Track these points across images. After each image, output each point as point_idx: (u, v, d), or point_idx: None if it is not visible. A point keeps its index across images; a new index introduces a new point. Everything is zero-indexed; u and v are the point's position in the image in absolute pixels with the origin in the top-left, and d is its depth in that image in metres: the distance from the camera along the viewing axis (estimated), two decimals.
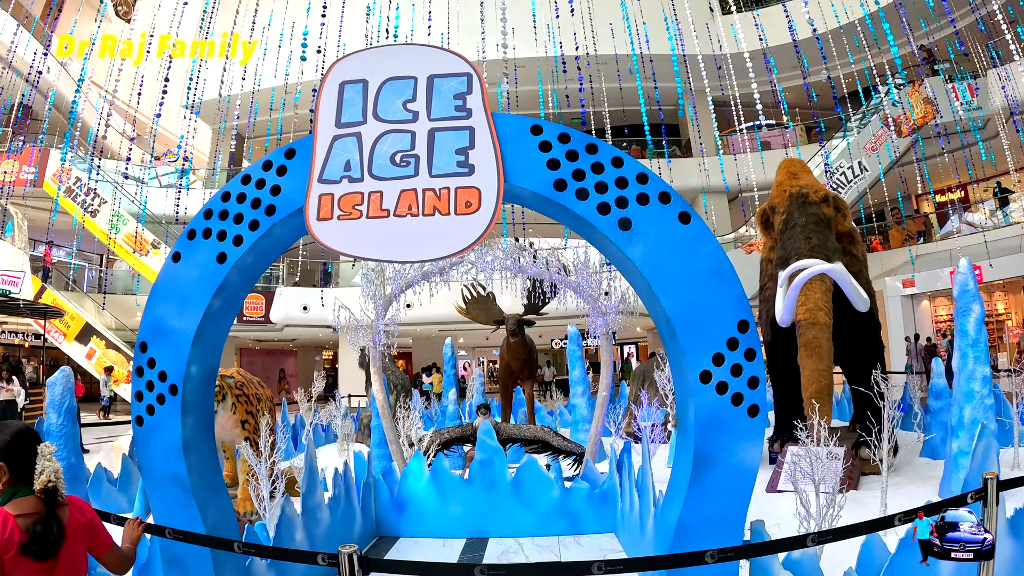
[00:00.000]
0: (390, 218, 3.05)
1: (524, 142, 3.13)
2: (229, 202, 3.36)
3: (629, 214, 3.03)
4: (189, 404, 3.36)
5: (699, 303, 3.01)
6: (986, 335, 7.40)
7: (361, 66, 3.29)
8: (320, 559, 2.62)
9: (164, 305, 3.40)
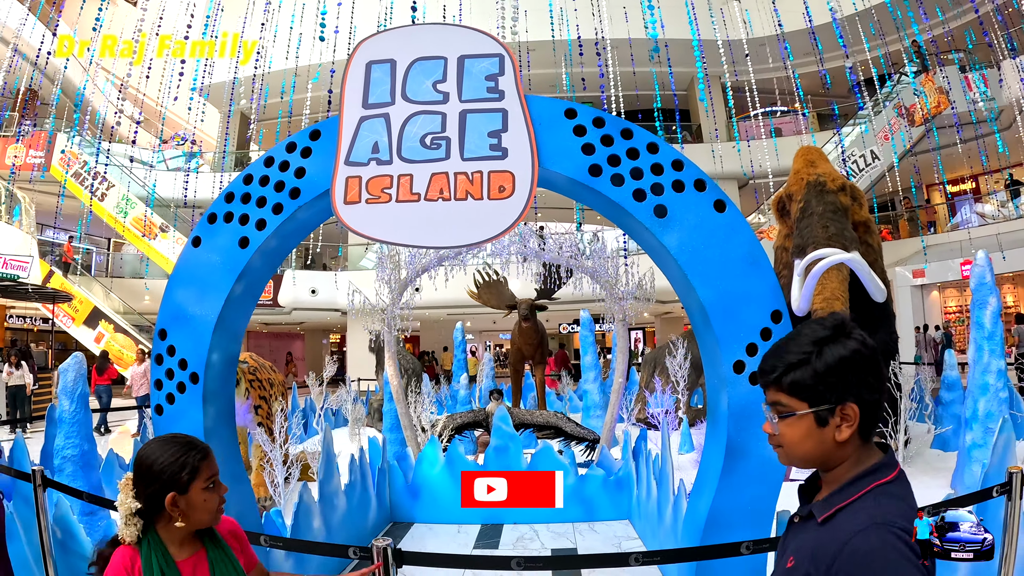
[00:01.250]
0: (421, 202, 2.96)
1: (558, 126, 3.04)
2: (251, 185, 3.28)
3: (665, 201, 2.96)
4: (211, 392, 3.30)
5: (734, 292, 2.94)
6: (1002, 328, 7.34)
7: (389, 45, 3.20)
8: (351, 552, 2.57)
9: (184, 291, 3.32)
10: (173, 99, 19.00)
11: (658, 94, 19.87)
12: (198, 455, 1.89)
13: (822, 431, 1.41)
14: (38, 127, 24.24)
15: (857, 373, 1.41)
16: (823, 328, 1.45)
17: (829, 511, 1.38)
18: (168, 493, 1.81)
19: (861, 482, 1.40)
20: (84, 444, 6.34)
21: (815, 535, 1.38)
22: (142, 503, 1.81)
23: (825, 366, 1.40)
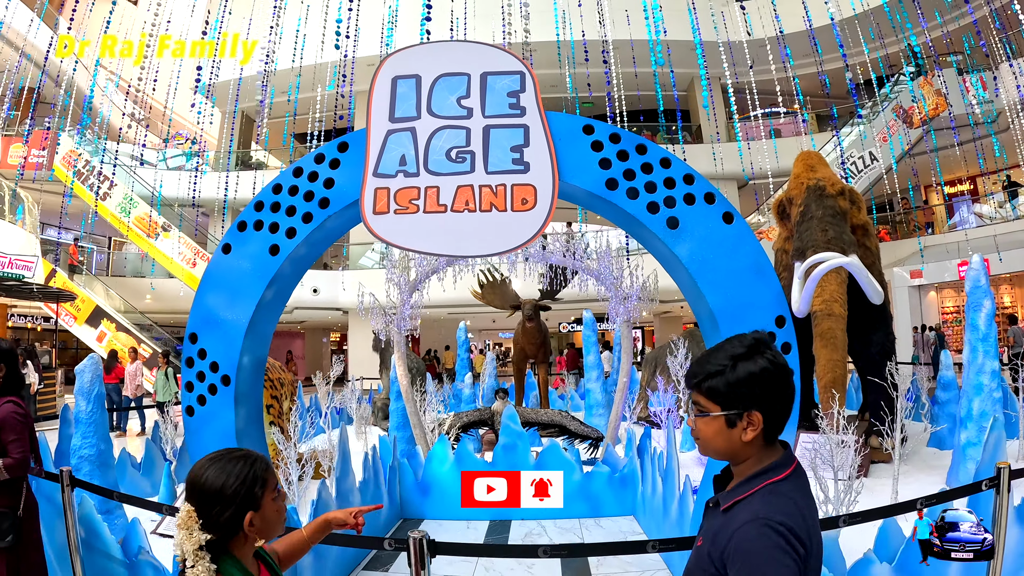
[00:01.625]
0: (447, 213, 3.11)
1: (577, 141, 3.20)
2: (281, 194, 3.42)
3: (677, 213, 3.12)
4: (242, 394, 3.44)
5: (741, 299, 3.10)
6: (996, 330, 7.51)
7: (413, 61, 3.35)
8: (387, 544, 2.73)
9: (215, 296, 3.44)
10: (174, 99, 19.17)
11: (659, 94, 20.00)
12: (262, 466, 1.80)
13: (731, 431, 1.66)
14: (39, 126, 24.33)
15: (764, 387, 1.64)
16: (741, 346, 1.69)
17: (730, 502, 1.64)
18: (246, 513, 1.72)
19: (757, 479, 1.64)
20: (101, 444, 6.50)
21: (719, 521, 1.64)
22: (217, 531, 1.69)
23: (736, 378, 1.65)
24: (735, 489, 1.66)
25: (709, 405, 1.68)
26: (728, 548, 1.54)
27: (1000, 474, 3.61)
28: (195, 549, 1.64)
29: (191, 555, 1.63)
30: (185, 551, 1.63)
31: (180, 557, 1.64)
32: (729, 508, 1.63)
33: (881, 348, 8.90)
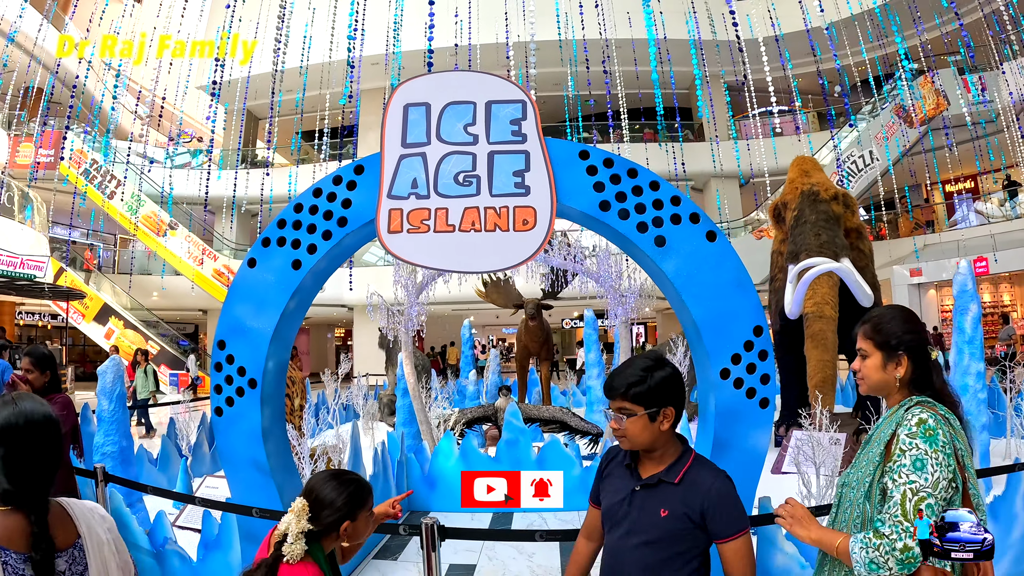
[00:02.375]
0: (455, 233, 3.44)
1: (573, 166, 3.51)
2: (302, 213, 3.74)
3: (664, 232, 3.43)
4: (267, 396, 3.77)
5: (722, 311, 3.40)
6: (982, 333, 7.76)
7: (424, 90, 3.66)
8: (402, 529, 3.07)
9: (242, 306, 3.78)
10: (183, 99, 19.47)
11: (657, 93, 20.24)
12: (367, 492, 2.29)
13: (653, 425, 2.16)
14: (46, 126, 24.64)
15: (672, 388, 2.19)
16: (649, 360, 2.21)
17: (679, 475, 2.16)
18: (344, 521, 2.19)
19: (685, 456, 2.21)
20: (123, 441, 6.83)
21: (679, 489, 2.14)
22: (318, 526, 2.13)
23: (655, 383, 2.16)
24: (671, 468, 2.19)
25: (635, 408, 2.15)
26: (707, 502, 2.10)
27: None
28: (299, 532, 2.09)
29: (293, 535, 2.09)
30: (290, 531, 2.10)
31: (280, 535, 2.11)
32: (682, 479, 2.15)
33: None
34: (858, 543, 1.91)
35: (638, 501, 2.19)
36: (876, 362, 2.14)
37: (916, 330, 2.16)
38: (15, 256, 18.94)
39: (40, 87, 22.94)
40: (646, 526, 2.14)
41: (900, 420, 1.99)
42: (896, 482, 1.90)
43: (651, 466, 2.22)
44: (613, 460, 2.37)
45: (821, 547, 2.07)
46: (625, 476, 2.25)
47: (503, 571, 5.37)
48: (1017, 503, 4.77)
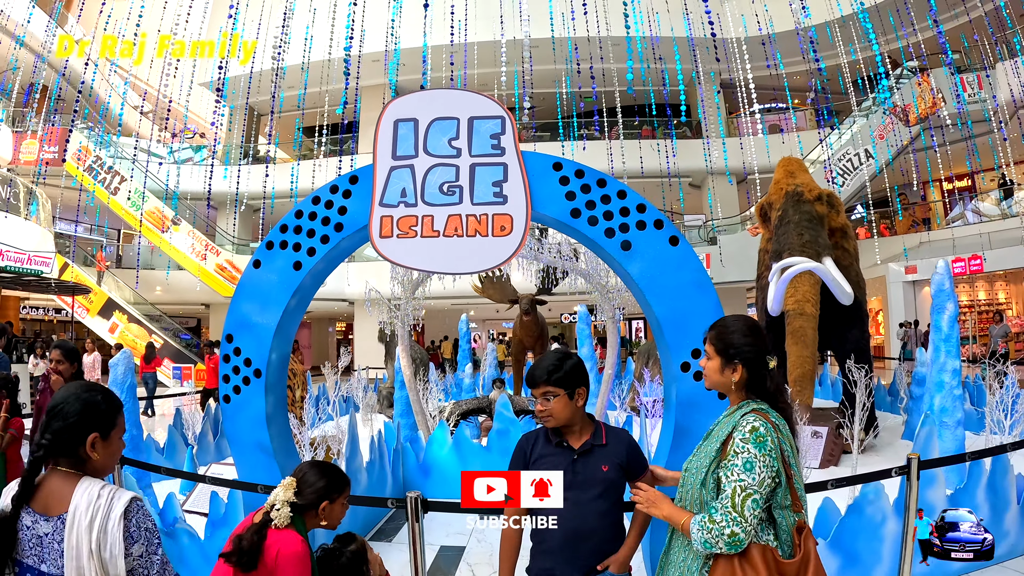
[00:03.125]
0: (440, 238, 3.82)
1: (547, 177, 3.87)
2: (302, 219, 4.12)
3: (630, 237, 3.78)
4: (271, 384, 4.15)
5: (682, 309, 3.75)
6: (958, 331, 8.05)
7: (412, 106, 4.01)
8: (390, 503, 3.44)
9: (248, 304, 4.17)
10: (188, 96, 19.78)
11: (651, 91, 20.55)
12: (345, 482, 2.78)
13: (572, 403, 2.70)
14: (49, 123, 24.91)
15: (582, 373, 2.76)
16: (560, 353, 2.80)
17: (603, 438, 2.74)
18: (324, 501, 2.64)
19: (597, 425, 2.78)
20: (133, 429, 7.21)
21: (608, 448, 2.72)
22: (301, 500, 2.58)
23: (571, 368, 2.73)
24: (595, 434, 2.75)
25: (557, 390, 2.68)
26: (628, 452, 2.74)
27: (910, 464, 4.15)
28: (285, 500, 2.53)
29: (280, 502, 2.53)
30: (278, 499, 2.53)
31: (270, 504, 2.55)
32: (608, 440, 2.74)
33: (856, 345, 9.42)
34: (696, 524, 2.27)
35: (580, 466, 2.68)
36: (716, 365, 2.52)
37: (754, 342, 2.49)
38: (22, 252, 19.28)
39: (45, 84, 23.23)
40: (594, 482, 2.65)
41: (736, 424, 2.35)
42: (728, 478, 2.26)
43: (575, 438, 2.74)
44: (535, 446, 2.80)
45: (671, 522, 2.47)
46: (558, 452, 2.72)
47: (491, 552, 5.73)
48: (979, 494, 5.10)
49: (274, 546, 2.44)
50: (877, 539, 4.57)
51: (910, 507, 4.02)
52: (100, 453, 2.05)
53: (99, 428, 2.05)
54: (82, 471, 2.04)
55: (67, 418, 2.02)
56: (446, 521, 6.60)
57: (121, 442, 2.15)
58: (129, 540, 1.95)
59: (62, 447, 2.02)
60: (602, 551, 2.67)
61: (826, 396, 13.51)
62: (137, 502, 2.00)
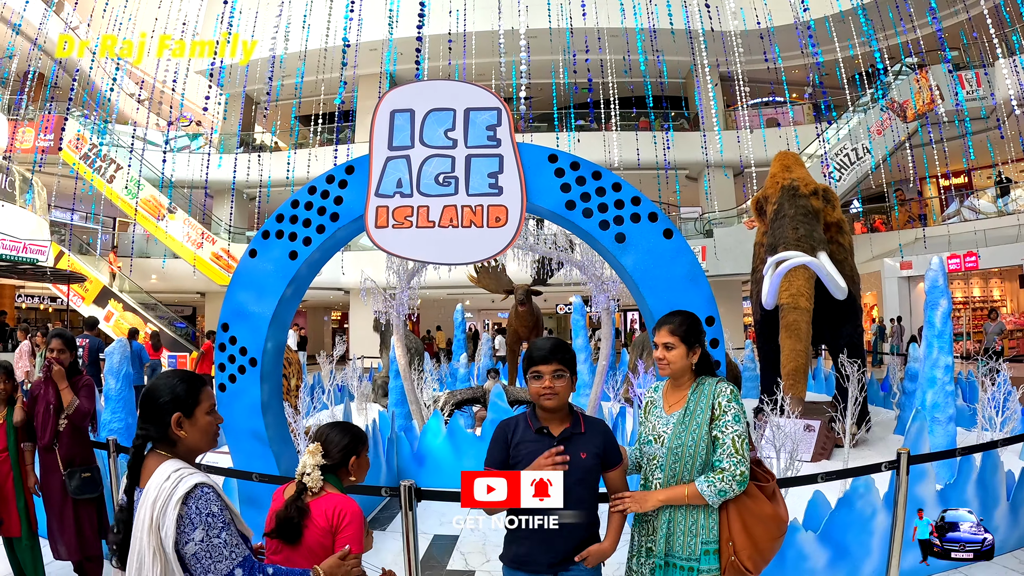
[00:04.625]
0: (435, 228, 3.83)
1: (543, 168, 3.88)
2: (298, 209, 4.13)
3: (624, 230, 3.80)
4: (266, 373, 4.17)
5: (676, 302, 3.76)
6: (951, 327, 8.04)
7: (409, 97, 4.02)
8: (383, 491, 3.46)
9: (244, 293, 4.18)
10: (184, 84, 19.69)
11: (647, 83, 20.52)
12: (364, 433, 2.82)
13: (570, 386, 2.73)
14: (45, 110, 24.81)
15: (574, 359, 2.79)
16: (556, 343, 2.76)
17: (582, 426, 2.73)
18: (352, 456, 2.69)
19: (574, 412, 2.77)
20: (129, 418, 7.20)
21: (586, 436, 2.72)
22: (334, 461, 2.63)
23: (571, 353, 2.77)
24: (575, 423, 2.74)
25: (565, 369, 2.71)
26: (604, 440, 2.74)
27: (900, 458, 4.18)
28: (314, 465, 2.57)
29: (310, 468, 2.56)
30: (308, 466, 2.57)
31: (301, 473, 2.58)
32: (586, 428, 2.73)
33: (850, 340, 9.45)
34: (706, 482, 2.65)
35: (571, 445, 2.70)
36: (683, 352, 2.81)
37: (702, 330, 2.92)
38: (18, 240, 19.25)
39: (41, 72, 23.12)
40: (574, 469, 2.63)
41: (715, 393, 2.77)
42: (725, 432, 2.69)
43: (556, 425, 2.74)
44: (515, 431, 2.80)
45: (670, 503, 2.71)
46: (539, 438, 2.71)
47: (484, 541, 5.77)
48: (968, 490, 5.14)
49: (324, 511, 2.52)
50: (867, 532, 4.61)
51: (899, 502, 4.04)
52: (187, 431, 2.26)
53: (181, 408, 2.24)
54: (174, 452, 2.24)
55: (151, 403, 2.25)
56: (440, 510, 6.63)
57: (210, 418, 2.33)
58: (190, 525, 2.06)
59: (153, 431, 2.24)
60: (577, 538, 2.69)
61: (820, 390, 13.57)
62: (203, 488, 2.11)
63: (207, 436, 2.33)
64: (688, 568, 2.71)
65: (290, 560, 2.48)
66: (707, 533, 2.70)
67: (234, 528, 2.16)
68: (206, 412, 2.32)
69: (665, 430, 2.80)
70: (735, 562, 2.68)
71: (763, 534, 2.71)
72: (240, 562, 2.12)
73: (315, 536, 2.50)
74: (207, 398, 2.34)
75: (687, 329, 2.83)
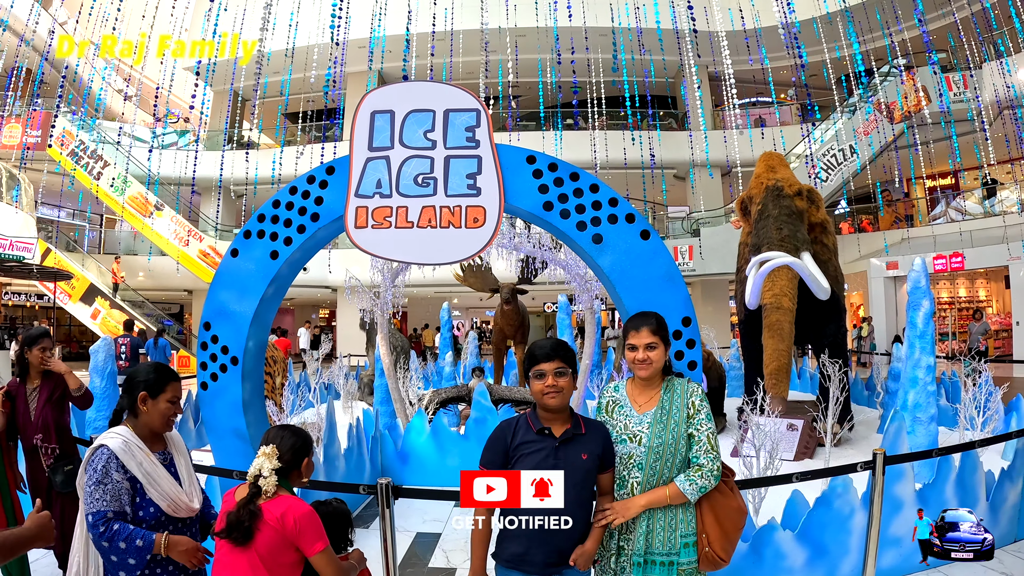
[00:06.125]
0: (414, 229, 3.87)
1: (521, 170, 3.92)
2: (279, 208, 4.17)
3: (601, 231, 3.85)
4: (247, 372, 4.20)
5: (653, 302, 3.81)
6: (933, 328, 8.11)
7: (389, 98, 4.05)
8: (361, 489, 3.49)
9: (225, 292, 4.21)
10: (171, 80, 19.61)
11: (633, 82, 20.56)
12: (311, 439, 2.90)
13: (572, 384, 2.77)
14: (32, 107, 24.68)
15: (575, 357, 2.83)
16: (558, 342, 2.83)
17: (583, 427, 2.77)
18: (304, 458, 2.80)
19: (574, 413, 2.81)
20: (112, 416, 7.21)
21: (586, 437, 2.76)
22: (287, 464, 2.71)
23: (572, 352, 2.82)
24: (575, 424, 2.77)
25: (566, 368, 2.75)
26: (604, 442, 2.78)
27: (876, 458, 4.22)
28: (271, 469, 2.63)
29: (267, 471, 2.62)
30: (264, 469, 2.63)
31: (254, 475, 2.64)
32: (586, 430, 2.76)
33: (833, 340, 9.53)
34: (686, 481, 2.76)
35: (561, 454, 2.72)
36: (662, 352, 2.89)
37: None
38: (4, 238, 19.18)
39: (29, 68, 23.01)
40: (574, 470, 2.70)
41: (688, 392, 2.88)
42: (700, 429, 2.81)
43: (557, 426, 2.77)
44: (516, 433, 2.81)
45: (652, 506, 2.79)
46: (540, 439, 2.74)
47: (466, 539, 5.78)
48: (947, 489, 5.19)
49: (276, 514, 2.58)
50: (845, 531, 4.66)
51: (875, 501, 4.09)
52: (148, 410, 2.78)
53: (148, 390, 2.79)
54: (135, 424, 2.80)
55: (129, 380, 2.83)
56: (423, 508, 6.68)
57: (168, 406, 2.82)
58: (84, 469, 2.67)
59: (125, 402, 2.81)
60: (574, 538, 2.73)
61: (804, 389, 13.66)
62: (103, 448, 2.66)
63: (162, 419, 2.82)
64: (668, 563, 2.81)
65: (237, 560, 2.57)
66: (686, 526, 2.82)
67: (112, 487, 2.59)
68: (167, 400, 2.82)
69: (641, 429, 2.85)
70: (709, 553, 2.82)
71: (731, 525, 2.85)
72: (96, 511, 2.55)
73: (266, 538, 2.56)
74: (172, 390, 2.84)
75: (663, 330, 2.94)
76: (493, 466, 2.76)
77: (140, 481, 2.66)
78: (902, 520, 4.86)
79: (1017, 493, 5.59)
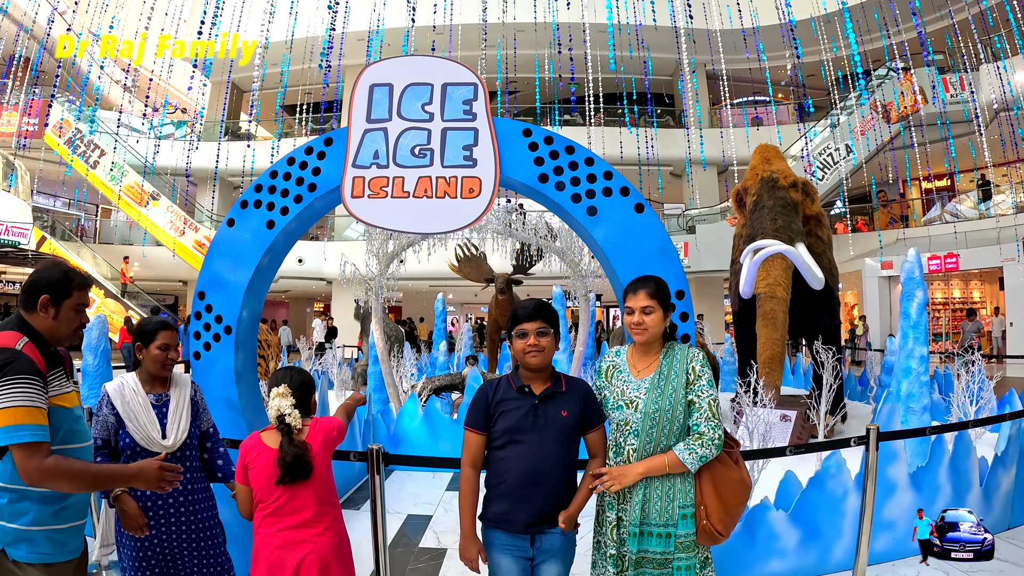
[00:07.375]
0: (410, 199, 3.89)
1: (517, 142, 3.94)
2: (276, 179, 4.18)
3: (596, 203, 3.87)
4: (240, 341, 4.21)
5: (647, 275, 3.83)
6: (927, 319, 8.14)
7: (388, 72, 4.08)
8: (351, 456, 3.52)
9: (221, 262, 4.22)
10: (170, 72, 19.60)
11: (630, 79, 20.59)
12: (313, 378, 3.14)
13: (553, 344, 2.83)
14: (29, 95, 24.65)
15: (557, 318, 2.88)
16: (540, 303, 2.88)
17: (563, 385, 2.82)
18: (312, 395, 3.04)
19: (555, 372, 2.87)
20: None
21: (567, 394, 2.81)
22: (301, 400, 2.92)
23: (554, 313, 2.87)
24: (556, 382, 2.83)
25: (549, 327, 2.81)
26: (585, 399, 2.82)
27: (869, 433, 4.24)
28: (290, 405, 2.85)
29: (287, 407, 2.83)
30: (283, 407, 2.83)
31: (276, 415, 2.83)
32: (567, 387, 2.81)
33: (827, 331, 9.58)
34: (685, 449, 2.70)
35: (541, 411, 2.75)
36: (660, 316, 2.85)
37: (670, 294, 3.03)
38: (0, 223, 19.17)
39: (27, 55, 22.97)
40: (555, 427, 2.74)
41: (688, 357, 2.82)
42: (700, 396, 2.76)
43: (538, 384, 2.81)
44: (497, 390, 2.87)
45: (649, 474, 2.72)
46: (520, 397, 2.78)
47: (456, 521, 5.82)
48: (940, 473, 5.21)
49: (320, 438, 2.90)
50: (838, 513, 4.67)
51: (868, 478, 4.09)
52: (145, 357, 3.14)
53: (141, 340, 3.15)
54: (139, 370, 3.20)
55: (136, 331, 3.21)
56: (414, 491, 6.71)
57: (160, 353, 3.13)
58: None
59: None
60: (555, 496, 2.74)
61: (798, 384, 13.71)
62: (104, 390, 3.09)
63: (155, 363, 3.14)
64: (665, 535, 2.75)
65: (300, 495, 2.79)
66: (684, 497, 2.76)
67: (102, 420, 3.05)
68: (157, 347, 3.12)
69: (638, 395, 2.79)
70: (707, 525, 2.75)
71: (733, 498, 2.78)
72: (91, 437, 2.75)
73: (320, 460, 2.87)
74: (161, 338, 3.14)
75: (663, 293, 2.90)
76: (477, 424, 2.83)
77: (121, 416, 3.04)
78: (895, 504, 4.88)
79: (1010, 480, 5.62)
